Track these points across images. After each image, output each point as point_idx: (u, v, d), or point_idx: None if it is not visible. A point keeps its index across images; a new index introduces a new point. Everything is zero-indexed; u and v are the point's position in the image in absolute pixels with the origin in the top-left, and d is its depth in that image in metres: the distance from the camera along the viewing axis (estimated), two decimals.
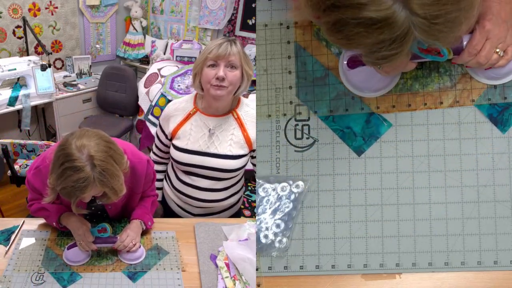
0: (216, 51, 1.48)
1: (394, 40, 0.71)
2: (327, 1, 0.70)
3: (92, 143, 1.21)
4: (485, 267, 1.08)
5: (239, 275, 1.38)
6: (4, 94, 3.41)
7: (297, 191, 1.11)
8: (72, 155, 1.18)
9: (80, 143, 1.20)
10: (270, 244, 1.10)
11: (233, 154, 1.59)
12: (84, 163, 1.18)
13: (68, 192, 1.21)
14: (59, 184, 1.21)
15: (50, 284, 1.33)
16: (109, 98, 4.03)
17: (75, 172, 1.17)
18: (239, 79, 1.53)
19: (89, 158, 1.18)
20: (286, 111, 1.14)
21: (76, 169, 1.17)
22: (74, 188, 1.19)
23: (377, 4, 0.67)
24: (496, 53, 0.94)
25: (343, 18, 0.70)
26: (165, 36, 4.50)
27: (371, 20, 0.68)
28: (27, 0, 3.80)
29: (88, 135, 1.24)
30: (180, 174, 1.68)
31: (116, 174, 1.23)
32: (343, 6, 0.69)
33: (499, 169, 1.08)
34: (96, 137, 1.24)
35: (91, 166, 1.18)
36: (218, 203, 1.70)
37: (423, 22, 0.69)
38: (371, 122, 1.11)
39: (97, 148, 1.21)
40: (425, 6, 0.67)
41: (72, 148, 1.19)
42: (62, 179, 1.19)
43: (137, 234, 1.49)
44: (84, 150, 1.19)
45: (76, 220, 1.45)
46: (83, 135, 1.23)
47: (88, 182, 1.18)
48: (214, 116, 1.61)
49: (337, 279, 1.10)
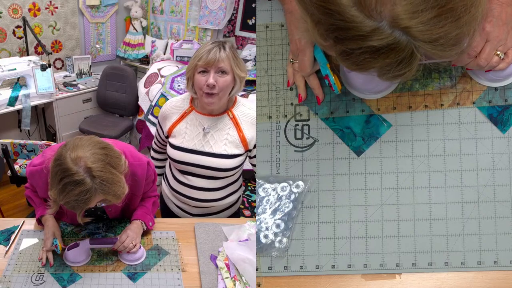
0: (206, 58, 1.48)
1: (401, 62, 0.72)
2: (330, 33, 0.72)
3: (88, 154, 1.19)
4: (485, 267, 1.08)
5: (239, 275, 1.38)
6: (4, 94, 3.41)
7: (297, 191, 1.11)
8: (70, 169, 1.16)
9: (75, 155, 1.17)
10: (270, 244, 1.10)
11: (228, 153, 1.60)
12: (83, 175, 1.16)
13: (73, 206, 1.21)
14: (62, 199, 1.20)
15: (50, 284, 1.33)
16: (109, 98, 4.04)
17: (76, 186, 1.16)
18: (231, 83, 1.54)
19: (87, 170, 1.17)
20: (286, 112, 1.14)
21: (76, 183, 1.15)
22: (78, 202, 1.18)
23: (378, 34, 0.68)
24: (497, 56, 0.94)
25: (347, 49, 0.72)
26: (165, 36, 4.50)
27: (375, 47, 0.70)
28: (27, 0, 3.80)
29: (81, 145, 1.21)
30: (176, 174, 1.70)
31: (117, 180, 1.22)
32: (346, 38, 0.71)
33: (499, 169, 1.08)
34: (90, 146, 1.22)
35: (90, 178, 1.17)
36: (215, 202, 1.71)
37: (425, 45, 0.70)
38: (371, 122, 1.11)
39: (93, 158, 1.19)
40: (424, 31, 0.68)
41: (68, 162, 1.17)
42: (64, 194, 1.18)
43: (137, 234, 1.49)
44: (81, 162, 1.17)
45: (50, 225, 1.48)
46: (76, 146, 1.20)
47: (90, 193, 1.17)
48: (209, 116, 1.62)
49: (337, 279, 1.10)
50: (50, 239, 1.41)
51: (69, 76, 4.08)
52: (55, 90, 3.66)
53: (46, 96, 3.60)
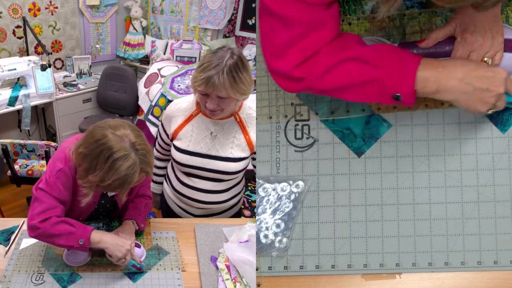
0: (204, 86, 1.43)
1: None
2: None
3: (128, 131, 1.28)
4: (485, 267, 1.08)
5: (239, 277, 1.38)
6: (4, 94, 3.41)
7: (297, 191, 1.11)
8: (117, 146, 1.24)
9: (120, 133, 1.26)
10: (270, 244, 1.10)
11: (235, 156, 1.59)
12: (129, 150, 1.25)
13: (121, 183, 1.26)
14: (110, 177, 1.24)
15: (50, 284, 1.33)
16: (109, 98, 4.04)
17: (125, 161, 1.23)
18: (232, 101, 1.50)
19: (132, 145, 1.26)
20: (287, 112, 1.14)
21: (125, 158, 1.23)
22: (127, 176, 1.24)
23: None
24: (485, 62, 0.96)
25: None
26: (165, 36, 4.50)
27: None
28: (27, 0, 3.80)
29: (119, 125, 1.30)
30: (180, 175, 1.68)
31: (152, 152, 1.34)
32: None
33: (499, 169, 1.09)
34: (126, 125, 1.32)
35: (135, 152, 1.26)
36: (219, 204, 1.70)
37: None
38: (371, 123, 1.11)
39: (134, 134, 1.29)
40: None
41: (112, 140, 1.24)
42: (113, 171, 1.23)
43: (130, 235, 1.48)
44: (126, 139, 1.26)
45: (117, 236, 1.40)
46: (115, 126, 1.29)
47: (136, 167, 1.26)
48: (216, 119, 1.61)
49: (337, 279, 1.10)
50: (130, 243, 1.39)
51: (69, 76, 4.08)
52: (55, 90, 3.66)
53: (46, 96, 3.59)
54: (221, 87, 1.41)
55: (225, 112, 1.54)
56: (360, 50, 0.93)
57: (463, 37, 0.96)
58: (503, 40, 0.97)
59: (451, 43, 0.98)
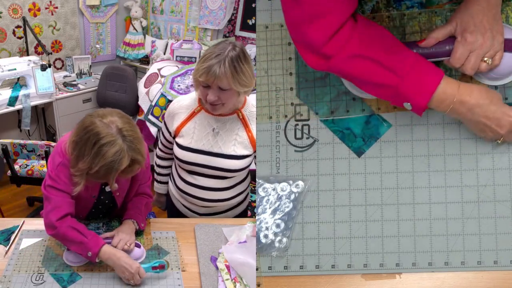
0: (205, 76, 1.43)
1: None
2: None
3: (116, 118, 1.31)
4: (485, 267, 1.08)
5: (239, 277, 1.38)
6: (4, 94, 3.41)
7: (297, 191, 1.11)
8: (103, 132, 1.26)
9: (107, 120, 1.29)
10: (270, 244, 1.10)
11: (238, 154, 1.58)
12: (116, 136, 1.27)
13: (108, 169, 1.27)
14: (97, 164, 1.26)
15: (50, 284, 1.33)
16: (109, 98, 4.03)
17: (111, 147, 1.25)
18: (233, 95, 1.49)
19: (119, 131, 1.28)
20: (287, 112, 1.14)
21: (111, 144, 1.26)
22: (113, 163, 1.26)
23: None
24: (485, 62, 0.96)
25: None
26: (165, 36, 4.50)
27: None
28: (27, 0, 3.80)
29: (108, 113, 1.33)
30: (183, 174, 1.68)
31: (141, 138, 1.35)
32: None
33: (499, 169, 1.08)
34: (115, 113, 1.34)
35: (122, 138, 1.28)
36: (223, 202, 1.70)
37: None
38: (371, 123, 1.11)
39: (121, 121, 1.31)
40: None
41: (100, 125, 1.27)
42: (99, 157, 1.26)
43: (130, 234, 1.48)
44: (112, 125, 1.29)
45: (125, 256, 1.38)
46: (104, 114, 1.32)
47: (123, 153, 1.27)
48: (218, 116, 1.60)
49: (337, 279, 1.10)
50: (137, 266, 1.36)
51: (69, 76, 4.08)
52: (55, 90, 3.66)
53: (46, 96, 3.60)
54: (222, 77, 1.42)
55: (226, 107, 1.54)
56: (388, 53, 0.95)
57: (463, 36, 0.96)
58: (503, 40, 0.97)
59: (451, 42, 0.98)
